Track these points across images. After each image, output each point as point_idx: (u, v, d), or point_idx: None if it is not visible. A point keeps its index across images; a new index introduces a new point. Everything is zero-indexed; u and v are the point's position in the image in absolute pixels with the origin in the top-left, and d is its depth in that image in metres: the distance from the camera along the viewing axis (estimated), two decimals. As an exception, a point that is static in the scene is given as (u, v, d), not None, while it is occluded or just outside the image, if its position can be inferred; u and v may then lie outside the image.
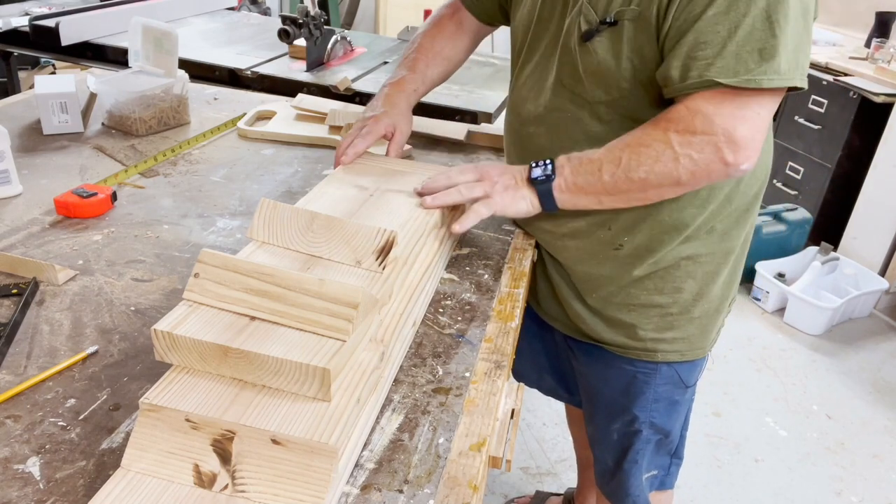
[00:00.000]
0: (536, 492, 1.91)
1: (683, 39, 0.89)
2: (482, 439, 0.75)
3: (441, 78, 1.31)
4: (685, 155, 0.91)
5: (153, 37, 1.48)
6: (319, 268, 0.81)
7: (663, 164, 0.92)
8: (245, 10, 3.89)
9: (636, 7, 0.93)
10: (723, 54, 0.86)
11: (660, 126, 0.92)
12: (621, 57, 0.95)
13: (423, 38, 1.29)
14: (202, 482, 0.61)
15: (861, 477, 2.13)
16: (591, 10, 0.97)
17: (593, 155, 0.97)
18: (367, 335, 0.75)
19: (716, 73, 0.87)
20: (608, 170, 0.95)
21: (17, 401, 0.74)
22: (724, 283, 1.13)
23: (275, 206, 0.85)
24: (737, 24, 0.86)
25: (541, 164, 1.00)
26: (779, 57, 0.86)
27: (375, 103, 1.22)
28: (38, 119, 1.42)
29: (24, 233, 1.06)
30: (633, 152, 0.93)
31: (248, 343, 0.66)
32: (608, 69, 0.97)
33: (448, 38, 1.29)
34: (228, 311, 0.71)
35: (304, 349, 0.67)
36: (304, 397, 0.67)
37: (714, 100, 0.89)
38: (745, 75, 0.86)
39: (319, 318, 0.69)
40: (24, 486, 0.64)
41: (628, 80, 0.97)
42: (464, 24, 1.30)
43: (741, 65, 0.86)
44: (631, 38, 0.94)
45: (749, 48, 0.86)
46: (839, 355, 2.70)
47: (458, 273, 1.06)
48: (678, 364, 1.17)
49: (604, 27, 0.95)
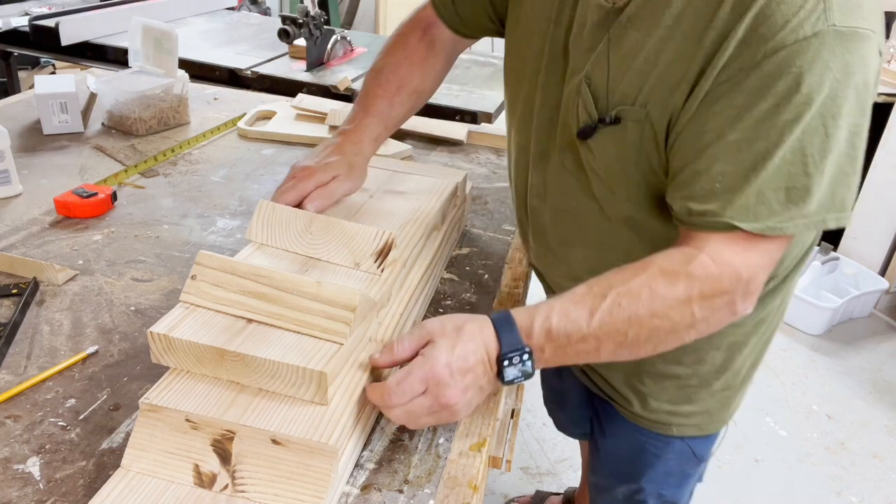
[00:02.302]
0: (536, 491, 1.90)
1: (697, 164, 0.71)
2: (482, 439, 0.75)
3: (409, 115, 1.07)
4: (703, 319, 0.73)
5: (153, 37, 1.48)
6: (318, 270, 0.81)
7: (676, 336, 0.74)
8: (245, 10, 3.89)
9: (642, 108, 0.74)
10: (744, 191, 0.69)
11: (679, 284, 0.71)
12: (627, 161, 0.78)
13: (385, 66, 1.04)
14: (202, 482, 0.61)
15: (861, 477, 2.13)
16: (590, 96, 0.79)
17: (586, 327, 0.71)
18: (366, 337, 0.75)
19: (735, 215, 0.70)
20: (608, 349, 0.73)
21: (17, 401, 0.74)
22: (751, 353, 0.96)
23: (273, 207, 0.85)
24: (764, 155, 0.68)
25: (515, 360, 0.71)
26: (810, 199, 0.69)
27: (320, 150, 0.98)
28: (38, 119, 1.42)
29: (24, 233, 1.06)
30: (643, 326, 0.72)
31: (244, 346, 0.66)
32: (611, 172, 0.80)
33: (417, 65, 1.04)
34: (225, 313, 0.71)
35: (300, 352, 0.67)
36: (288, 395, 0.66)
37: (736, 246, 0.72)
38: (767, 220, 0.69)
39: (317, 320, 0.69)
40: (24, 486, 0.64)
41: (638, 184, 0.79)
42: (436, 44, 1.05)
43: (763, 206, 0.69)
44: (637, 144, 0.76)
45: (774, 185, 0.68)
46: (839, 355, 2.70)
47: (458, 273, 1.06)
48: (692, 439, 1.02)
49: (602, 126, 0.78)
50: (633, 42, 0.74)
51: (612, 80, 0.77)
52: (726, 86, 0.68)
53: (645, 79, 0.73)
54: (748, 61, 0.66)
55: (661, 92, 0.72)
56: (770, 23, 0.65)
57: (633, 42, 0.74)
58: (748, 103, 0.67)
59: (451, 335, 0.71)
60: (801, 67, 0.64)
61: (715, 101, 0.69)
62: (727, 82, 0.68)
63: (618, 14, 0.76)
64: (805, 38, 0.64)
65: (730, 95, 0.68)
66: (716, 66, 0.68)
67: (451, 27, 1.04)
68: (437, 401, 0.69)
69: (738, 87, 0.67)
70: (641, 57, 0.73)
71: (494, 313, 0.74)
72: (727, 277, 0.72)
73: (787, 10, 0.64)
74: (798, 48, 0.64)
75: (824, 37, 0.64)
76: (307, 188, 0.91)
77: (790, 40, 0.64)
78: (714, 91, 0.69)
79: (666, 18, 0.71)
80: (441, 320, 0.73)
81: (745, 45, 0.66)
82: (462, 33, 1.05)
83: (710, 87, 0.69)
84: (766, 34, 0.65)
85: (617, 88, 0.76)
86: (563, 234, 0.92)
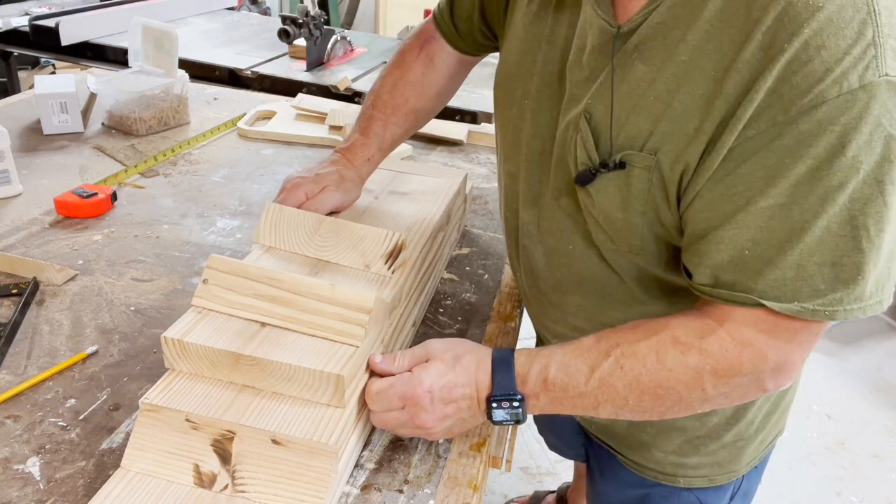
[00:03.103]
0: (535, 492, 1.90)
1: (723, 230, 0.61)
2: (482, 439, 0.75)
3: (407, 135, 1.03)
4: (721, 395, 0.65)
5: (153, 37, 1.48)
6: (328, 272, 0.81)
7: (686, 407, 0.67)
8: (245, 10, 3.89)
9: (651, 155, 0.63)
10: (778, 263, 0.58)
11: (690, 357, 0.64)
12: (631, 211, 0.68)
13: (382, 86, 1.01)
14: (202, 482, 0.61)
15: (861, 477, 2.13)
16: (590, 135, 0.68)
17: (584, 384, 0.66)
18: (380, 339, 0.75)
19: (766, 291, 0.59)
20: (607, 409, 0.67)
21: (17, 401, 0.74)
22: (765, 402, 0.87)
23: (281, 209, 0.84)
24: (802, 225, 0.57)
25: (505, 403, 0.68)
26: (863, 279, 0.57)
27: (313, 166, 0.97)
28: (38, 119, 1.42)
29: (24, 233, 1.06)
30: (645, 394, 0.65)
31: (259, 350, 0.66)
32: (612, 221, 0.70)
33: (413, 85, 0.99)
34: (238, 317, 0.70)
35: (316, 355, 0.67)
36: (303, 398, 0.67)
37: (763, 325, 0.62)
38: (808, 301, 0.58)
39: (331, 323, 0.69)
40: (24, 486, 0.64)
41: (643, 237, 0.69)
42: (435, 60, 0.99)
43: (804, 282, 0.58)
44: (644, 193, 0.66)
45: (818, 259, 0.57)
46: (839, 355, 2.70)
47: (458, 273, 1.06)
48: (702, 490, 0.92)
49: (605, 171, 0.67)
50: (642, 76, 0.63)
51: (616, 119, 0.66)
52: (755, 142, 0.57)
53: (656, 122, 0.62)
54: (781, 115, 0.55)
55: (674, 140, 0.62)
56: (807, 72, 0.53)
57: (642, 76, 0.63)
58: (782, 165, 0.56)
59: (447, 362, 0.70)
60: (847, 126, 0.53)
61: (743, 161, 0.58)
62: (756, 138, 0.57)
63: (624, 40, 0.64)
64: (851, 92, 0.52)
65: (760, 155, 0.57)
66: (740, 118, 0.57)
67: (451, 42, 0.98)
68: (412, 420, 0.68)
69: (770, 146, 0.56)
70: (651, 95, 0.62)
71: (497, 350, 0.71)
72: (748, 359, 0.63)
73: (828, 56, 0.52)
74: (842, 103, 0.53)
75: (875, 89, 0.52)
76: (297, 199, 0.89)
77: (832, 94, 0.53)
78: (741, 148, 0.58)
79: (680, 53, 0.60)
80: (445, 343, 0.72)
81: (776, 96, 0.55)
82: (461, 49, 0.99)
83: (734, 143, 0.58)
84: (801, 85, 0.53)
85: (622, 129, 0.65)
86: (557, 278, 0.83)
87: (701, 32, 0.58)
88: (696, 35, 0.59)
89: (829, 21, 0.52)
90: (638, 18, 0.63)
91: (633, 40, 0.64)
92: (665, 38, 0.61)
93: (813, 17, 0.52)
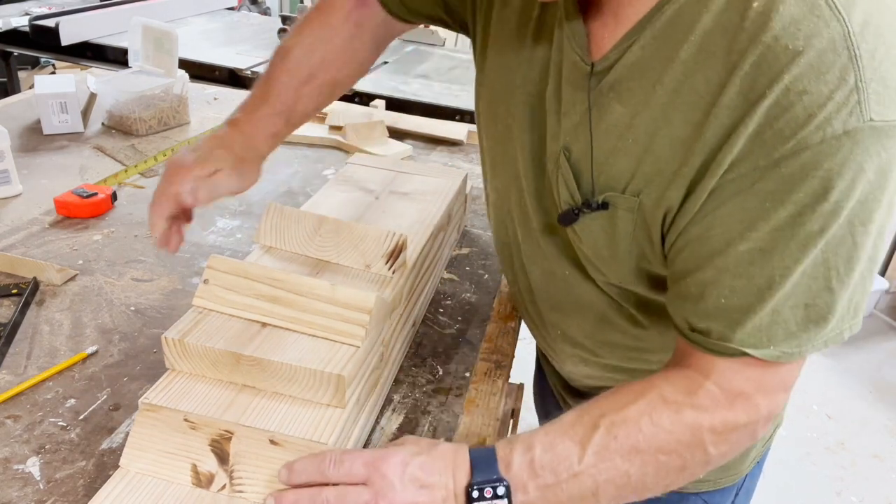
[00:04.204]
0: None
1: (701, 274, 0.59)
2: (482, 439, 0.75)
3: (319, 109, 0.88)
4: (719, 455, 0.62)
5: (153, 37, 1.48)
6: (328, 272, 0.81)
7: (689, 473, 0.63)
8: (245, 10, 3.89)
9: (634, 197, 0.62)
10: (756, 311, 0.58)
11: (685, 413, 0.60)
12: (618, 248, 0.66)
13: (296, 46, 0.84)
14: (199, 482, 0.61)
15: (861, 477, 2.13)
16: (570, 173, 0.66)
17: (577, 463, 0.59)
18: (380, 339, 0.75)
19: (745, 339, 0.59)
20: (608, 492, 0.61)
21: (17, 401, 0.74)
22: None
23: (282, 210, 0.84)
24: (782, 271, 0.56)
25: (488, 493, 0.59)
26: (831, 316, 0.58)
27: (201, 143, 0.81)
28: (38, 119, 1.42)
29: (24, 233, 1.06)
30: (648, 464, 0.60)
31: (260, 350, 0.66)
32: (601, 257, 0.69)
33: (338, 51, 0.84)
34: (239, 317, 0.71)
35: (317, 356, 0.67)
36: (303, 399, 0.67)
37: (750, 373, 0.61)
38: (782, 344, 0.58)
39: (332, 323, 0.69)
40: (24, 486, 0.64)
41: (633, 271, 0.68)
42: (366, 26, 0.86)
43: (779, 326, 0.58)
44: (629, 233, 0.64)
45: (793, 303, 0.57)
46: (839, 355, 2.70)
47: (458, 273, 1.06)
48: (709, 493, 0.91)
49: (588, 212, 0.65)
50: (619, 117, 0.61)
51: (596, 159, 0.64)
52: (735, 185, 0.55)
53: (637, 164, 0.61)
54: (763, 160, 0.54)
55: (655, 183, 0.60)
56: (790, 116, 0.52)
57: (619, 117, 0.61)
58: (763, 209, 0.55)
59: (422, 444, 0.63)
60: (830, 171, 0.52)
61: (722, 203, 0.56)
62: (737, 181, 0.55)
63: (599, 78, 0.62)
64: (835, 137, 0.51)
65: (740, 198, 0.55)
66: (721, 163, 0.55)
67: (389, 8, 0.85)
68: (376, 499, 0.58)
69: (751, 190, 0.55)
70: (630, 137, 0.61)
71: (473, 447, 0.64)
72: (742, 410, 0.61)
73: (810, 101, 0.51)
74: (826, 149, 0.52)
75: (858, 135, 0.51)
76: (183, 188, 0.76)
77: (815, 140, 0.51)
78: (720, 190, 0.56)
79: (658, 95, 0.58)
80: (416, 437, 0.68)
81: (758, 140, 0.53)
82: (400, 16, 0.86)
83: (714, 185, 0.56)
84: (784, 130, 0.52)
85: (603, 170, 0.63)
86: (555, 299, 0.80)
87: (677, 75, 0.57)
88: (672, 77, 0.57)
89: (810, 66, 0.50)
90: (612, 56, 0.61)
91: (608, 79, 0.61)
92: (641, 79, 0.59)
93: (793, 62, 0.51)
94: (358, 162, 1.14)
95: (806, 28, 0.51)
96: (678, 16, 0.56)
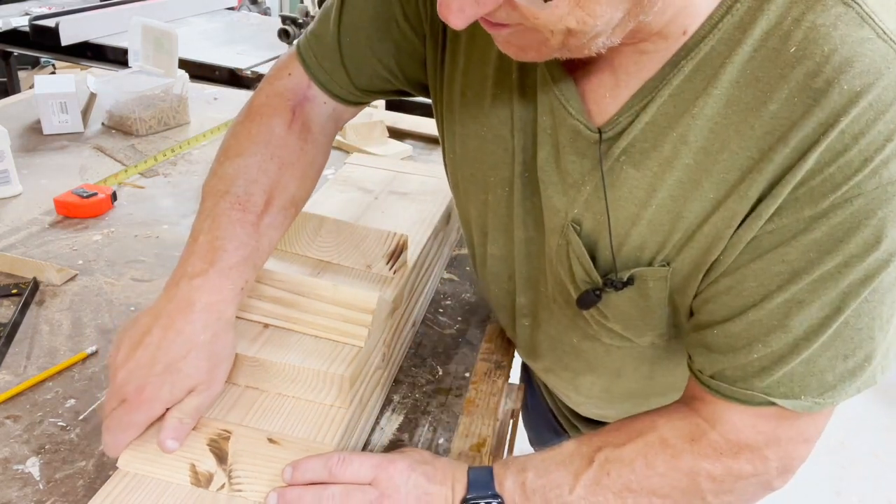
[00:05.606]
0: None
1: (731, 326, 0.55)
2: (482, 439, 0.75)
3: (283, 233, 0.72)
4: None
5: (153, 37, 1.48)
6: (330, 273, 0.81)
7: None
8: (245, 10, 3.88)
9: (665, 267, 0.57)
10: (788, 361, 0.53)
11: (682, 459, 0.58)
12: (650, 316, 0.63)
13: (240, 172, 0.68)
14: (199, 482, 0.61)
15: (861, 476, 2.13)
16: (583, 249, 0.61)
17: (568, 493, 0.59)
18: (381, 339, 0.75)
19: (770, 389, 0.54)
20: None
21: (17, 401, 0.74)
22: None
23: None
24: (823, 321, 0.52)
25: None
26: (870, 364, 0.54)
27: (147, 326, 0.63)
28: (38, 119, 1.42)
29: (24, 233, 1.06)
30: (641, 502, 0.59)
31: (263, 351, 0.67)
32: (632, 327, 0.65)
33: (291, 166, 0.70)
34: (241, 318, 0.71)
35: (320, 356, 0.67)
36: (306, 399, 0.67)
37: (765, 426, 0.57)
38: (817, 396, 0.54)
39: (334, 324, 0.69)
40: (23, 486, 0.64)
41: (668, 327, 0.65)
42: (313, 127, 0.73)
43: (813, 378, 0.53)
44: (662, 300, 0.60)
45: (832, 354, 0.53)
46: (839, 355, 2.70)
47: (458, 273, 1.06)
48: None
49: (611, 290, 0.60)
50: (636, 182, 0.56)
51: (615, 232, 0.58)
52: (774, 237, 0.51)
53: (667, 234, 0.56)
54: (809, 209, 0.49)
55: (689, 249, 0.56)
56: (843, 162, 0.47)
57: (636, 182, 0.56)
58: (807, 260, 0.50)
59: (425, 455, 0.64)
60: (884, 220, 0.48)
61: (758, 256, 0.52)
62: (776, 233, 0.51)
63: (609, 145, 0.56)
64: (892, 182, 0.47)
65: (780, 250, 0.51)
66: (761, 214, 0.51)
67: (336, 94, 0.73)
68: (381, 499, 0.58)
69: (794, 241, 0.50)
70: (654, 204, 0.55)
71: None
72: (747, 462, 0.57)
73: (868, 144, 0.46)
74: (881, 195, 0.47)
75: None
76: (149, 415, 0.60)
77: (870, 185, 0.47)
78: (758, 241, 0.52)
79: (682, 156, 0.53)
80: (423, 450, 0.67)
81: (804, 189, 0.49)
82: (350, 101, 0.74)
83: (752, 237, 0.52)
84: (836, 177, 0.47)
85: (624, 243, 0.58)
86: (565, 362, 0.77)
87: (705, 132, 0.51)
88: (699, 136, 0.52)
89: (870, 106, 0.46)
90: (623, 121, 0.55)
91: (619, 144, 0.56)
92: (658, 139, 0.54)
93: (852, 104, 0.46)
94: (357, 162, 1.14)
95: (860, 66, 0.46)
96: (698, 70, 0.51)
